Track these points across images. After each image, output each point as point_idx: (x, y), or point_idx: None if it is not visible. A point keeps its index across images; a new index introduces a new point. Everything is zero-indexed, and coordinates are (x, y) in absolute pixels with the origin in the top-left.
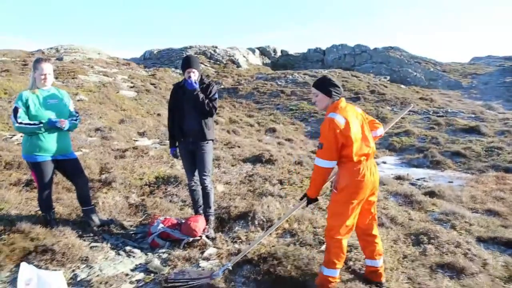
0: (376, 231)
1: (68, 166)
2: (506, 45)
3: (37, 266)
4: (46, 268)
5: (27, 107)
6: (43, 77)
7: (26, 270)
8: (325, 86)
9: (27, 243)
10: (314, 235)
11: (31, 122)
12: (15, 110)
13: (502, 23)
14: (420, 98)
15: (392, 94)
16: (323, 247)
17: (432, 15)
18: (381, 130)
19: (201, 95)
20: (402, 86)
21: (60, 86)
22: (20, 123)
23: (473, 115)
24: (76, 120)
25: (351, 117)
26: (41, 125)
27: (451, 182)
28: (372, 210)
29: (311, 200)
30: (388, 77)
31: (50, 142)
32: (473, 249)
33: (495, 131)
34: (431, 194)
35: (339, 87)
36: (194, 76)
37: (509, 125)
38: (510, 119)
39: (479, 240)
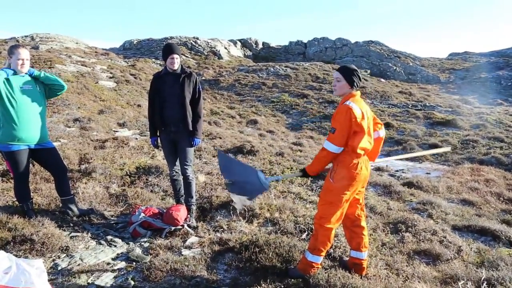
0: (364, 223)
1: (46, 155)
2: (483, 42)
3: (16, 256)
4: (26, 258)
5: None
6: (20, 62)
7: (4, 259)
8: (350, 74)
9: (4, 233)
10: (295, 224)
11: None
12: None
13: (479, 20)
14: (400, 92)
15: (372, 87)
16: (305, 236)
17: (413, 10)
18: (383, 132)
19: None
20: (382, 80)
21: None
22: None
23: (450, 109)
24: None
25: (365, 109)
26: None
27: (429, 173)
28: (361, 201)
29: (307, 175)
30: (369, 71)
31: (25, 131)
32: (448, 237)
33: (470, 124)
34: (409, 184)
35: (360, 81)
36: (177, 62)
37: (483, 119)
38: (485, 113)
39: (454, 228)
